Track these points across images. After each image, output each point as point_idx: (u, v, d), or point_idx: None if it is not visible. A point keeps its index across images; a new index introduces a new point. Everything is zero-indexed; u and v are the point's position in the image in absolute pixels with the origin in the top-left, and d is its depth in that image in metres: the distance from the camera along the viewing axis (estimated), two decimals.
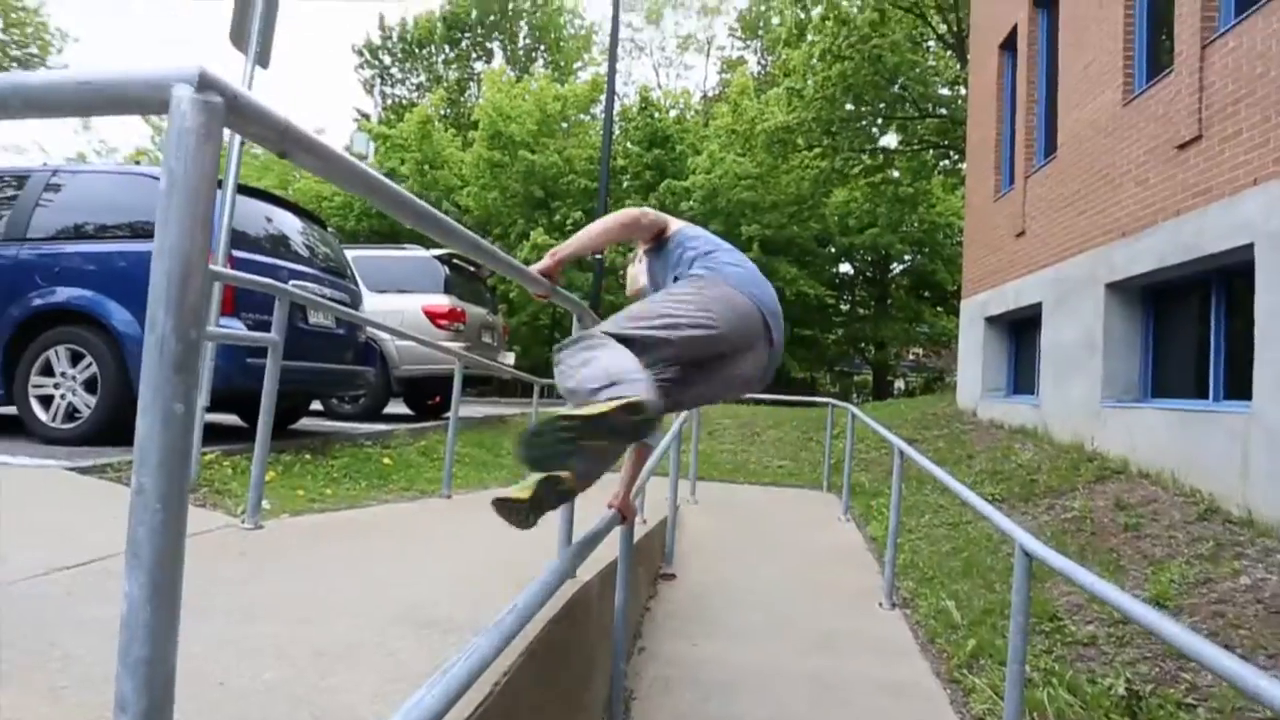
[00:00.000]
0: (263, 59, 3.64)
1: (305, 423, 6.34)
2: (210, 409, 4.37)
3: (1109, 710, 2.62)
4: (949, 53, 15.05)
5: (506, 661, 1.65)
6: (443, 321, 7.49)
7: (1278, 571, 3.40)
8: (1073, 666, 2.99)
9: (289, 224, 5.27)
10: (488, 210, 21.62)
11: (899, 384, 24.66)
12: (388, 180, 1.10)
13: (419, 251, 8.03)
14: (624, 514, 2.25)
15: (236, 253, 4.32)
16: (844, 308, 22.78)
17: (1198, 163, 4.54)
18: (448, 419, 8.51)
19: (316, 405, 7.45)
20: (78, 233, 4.36)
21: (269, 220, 5.08)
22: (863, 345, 22.08)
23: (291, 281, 4.65)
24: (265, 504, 3.27)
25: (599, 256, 9.37)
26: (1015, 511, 5.01)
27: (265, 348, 4.35)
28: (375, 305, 7.51)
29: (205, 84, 0.66)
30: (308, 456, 4.41)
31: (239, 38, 3.46)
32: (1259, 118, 4.03)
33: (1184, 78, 4.69)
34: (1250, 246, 4.04)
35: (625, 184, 21.43)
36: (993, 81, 8.40)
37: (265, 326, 4.49)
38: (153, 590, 0.59)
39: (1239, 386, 4.46)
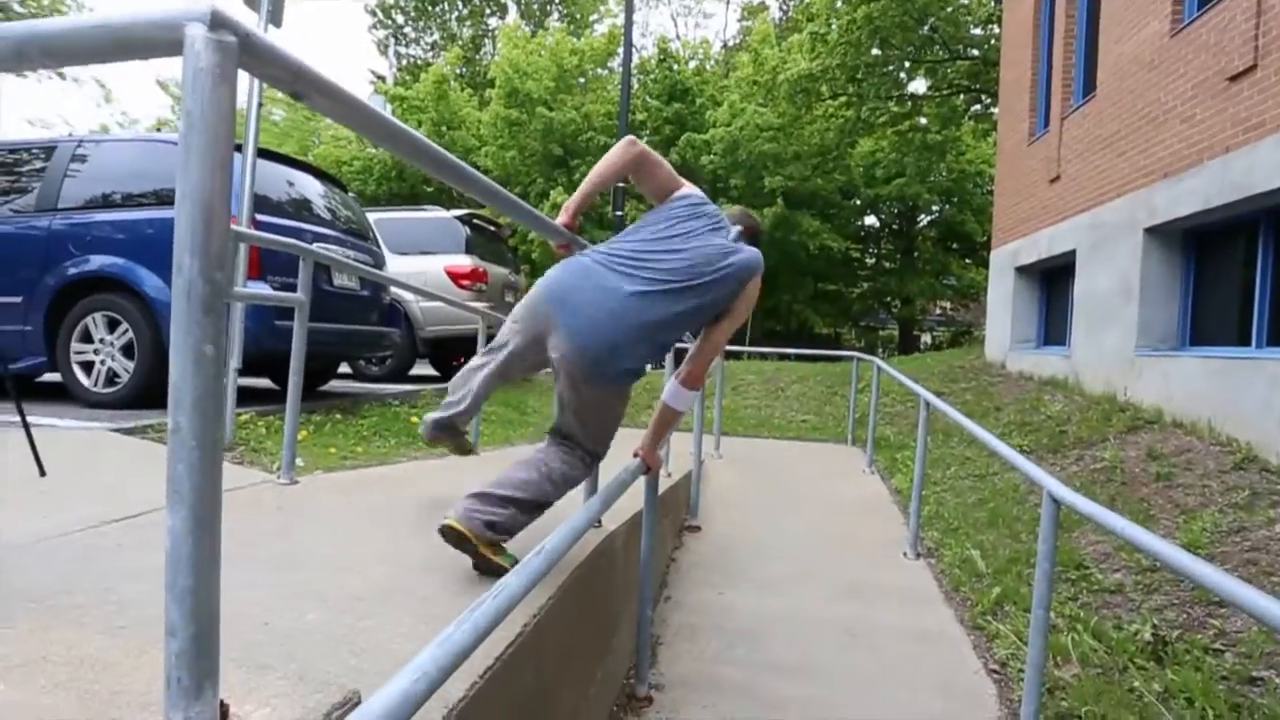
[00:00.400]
0: (275, 17, 3.60)
1: (334, 384, 6.47)
2: (242, 372, 4.49)
3: (1134, 655, 2.62)
4: None
5: (536, 603, 1.70)
6: (465, 282, 7.52)
7: None
8: (1098, 613, 2.99)
9: (311, 188, 5.29)
10: (506, 170, 21.42)
11: (925, 339, 24.30)
12: (405, 126, 1.09)
13: (440, 212, 8.02)
14: (649, 464, 2.27)
15: (260, 216, 4.36)
16: (869, 261, 22.38)
17: (1250, 95, 4.30)
18: None
19: (345, 368, 7.60)
20: (106, 201, 4.43)
21: (290, 184, 5.11)
22: (888, 299, 21.74)
23: (315, 244, 4.72)
24: (299, 461, 3.37)
25: (620, 213, 9.25)
26: (1043, 462, 4.96)
27: (293, 310, 4.44)
28: (398, 267, 7.56)
29: (218, 23, 0.65)
30: (338, 416, 4.51)
31: None
32: None
33: (1240, 3, 4.42)
34: None
35: (645, 138, 21.04)
36: (1029, 17, 8.00)
37: (291, 289, 4.58)
38: (194, 524, 0.61)
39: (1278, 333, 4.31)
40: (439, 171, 1.26)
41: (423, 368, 8.76)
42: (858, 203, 20.51)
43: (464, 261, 7.57)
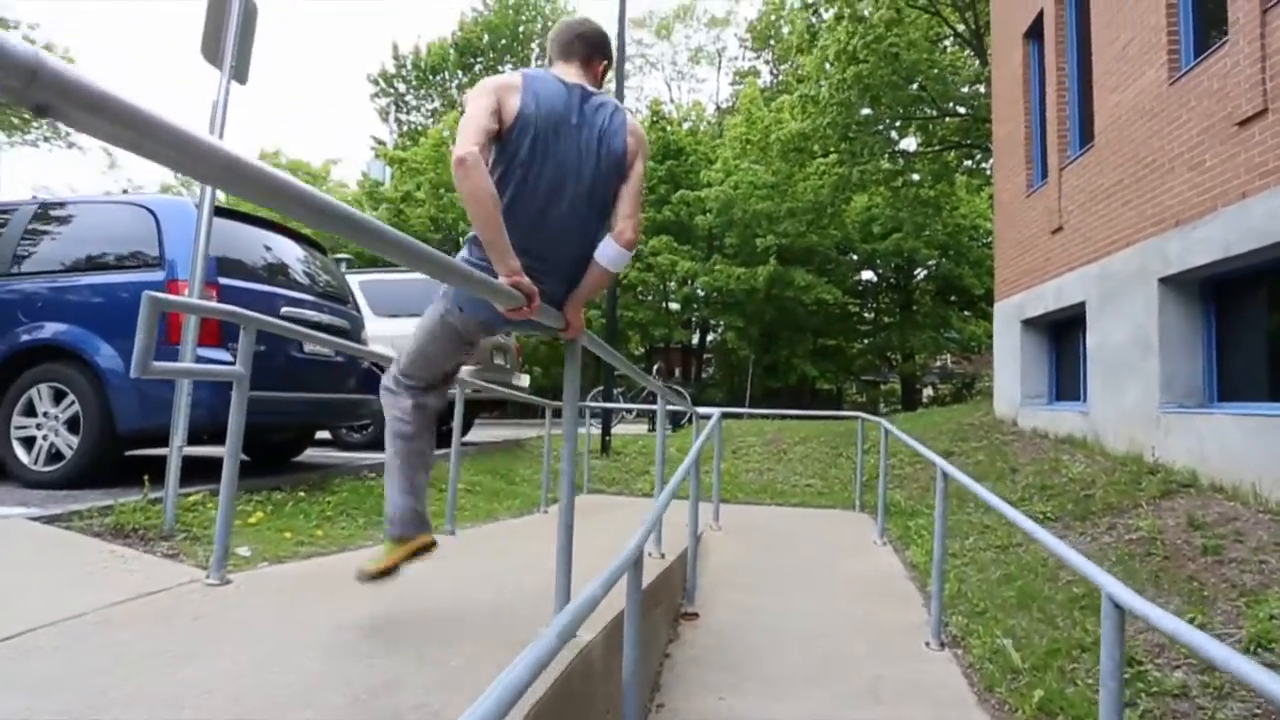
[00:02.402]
0: (240, 74, 3.42)
1: (312, 454, 6.11)
2: (204, 442, 4.14)
3: None
4: (967, 51, 14.64)
5: None
6: None
7: None
8: None
9: (288, 251, 5.09)
10: None
11: (928, 392, 23.96)
12: (255, 161, 0.79)
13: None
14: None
15: (226, 280, 4.12)
16: (868, 316, 22.27)
17: (1264, 139, 4.11)
18: (469, 445, 8.26)
19: (325, 435, 7.25)
20: (64, 266, 4.19)
21: (267, 248, 4.91)
22: (889, 354, 21.51)
23: (285, 308, 4.46)
24: (244, 551, 3.00)
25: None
26: (1072, 532, 4.56)
27: (270, 375, 4.13)
28: (384, 329, 7.32)
29: None
30: (302, 493, 4.15)
31: (211, 51, 3.24)
32: None
33: (1242, 47, 4.28)
34: None
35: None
36: (1018, 72, 8.00)
37: (262, 357, 4.29)
38: None
39: None
40: (326, 223, 0.97)
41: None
42: (854, 258, 20.55)
43: None
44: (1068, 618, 3.47)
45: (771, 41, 27.87)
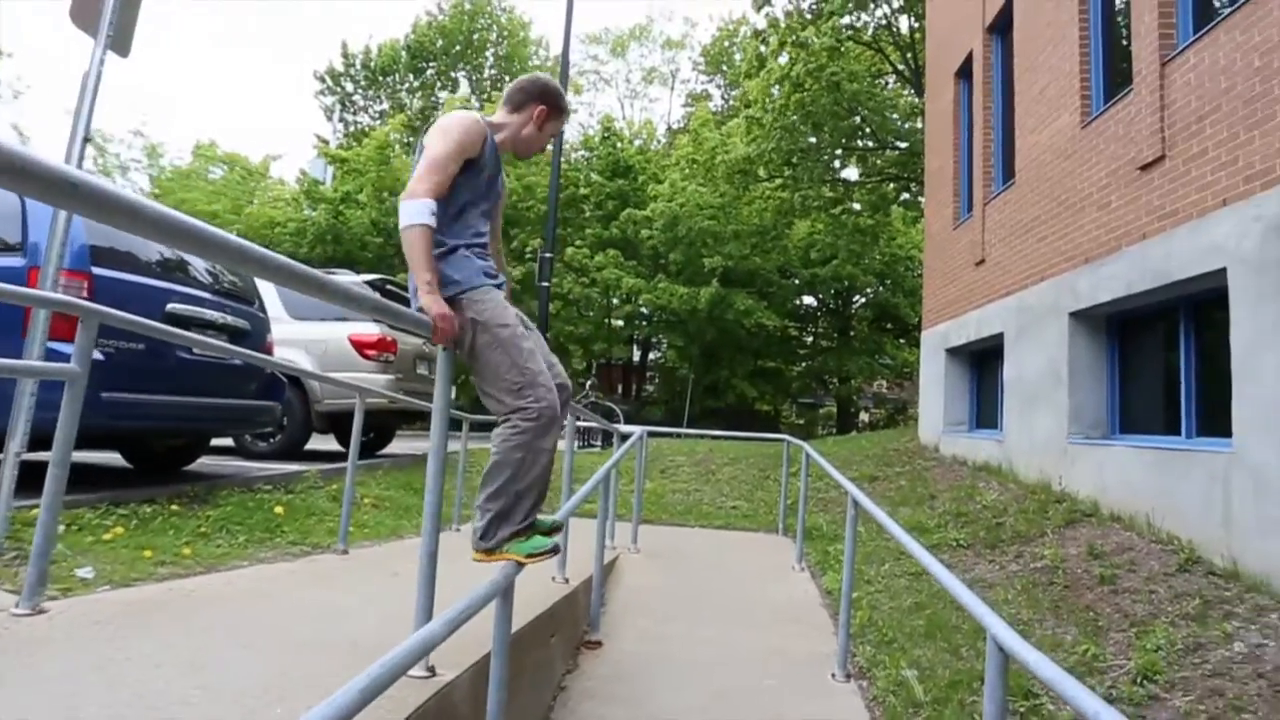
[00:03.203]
0: (120, 45, 3.13)
1: (205, 463, 5.68)
2: (87, 447, 3.75)
3: None
4: (907, 90, 15.20)
5: None
6: (370, 352, 6.92)
7: (1274, 635, 3.01)
8: None
9: None
10: None
11: (863, 416, 24.52)
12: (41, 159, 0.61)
13: (348, 276, 7.48)
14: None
15: (101, 271, 3.76)
16: (808, 340, 22.68)
17: (1162, 184, 4.29)
18: (385, 456, 7.89)
19: (228, 442, 6.78)
20: None
21: None
22: (826, 378, 21.93)
23: (174, 305, 4.12)
24: (86, 572, 2.68)
25: (546, 284, 8.89)
26: (982, 560, 4.60)
27: (149, 377, 3.76)
28: (298, 333, 6.93)
29: None
30: (177, 506, 3.79)
31: (84, 14, 2.95)
32: (1225, 135, 3.78)
33: (1144, 96, 4.48)
34: (1223, 272, 3.75)
35: (588, 212, 21.17)
36: (949, 110, 8.28)
37: (142, 357, 3.94)
38: None
39: (1214, 423, 4.15)
40: (142, 230, 0.80)
41: (327, 442, 7.97)
42: (796, 282, 20.92)
43: (370, 330, 6.99)
44: (971, 648, 3.45)
45: (724, 67, 28.43)
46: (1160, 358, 4.80)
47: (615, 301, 21.24)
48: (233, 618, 2.29)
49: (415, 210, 1.92)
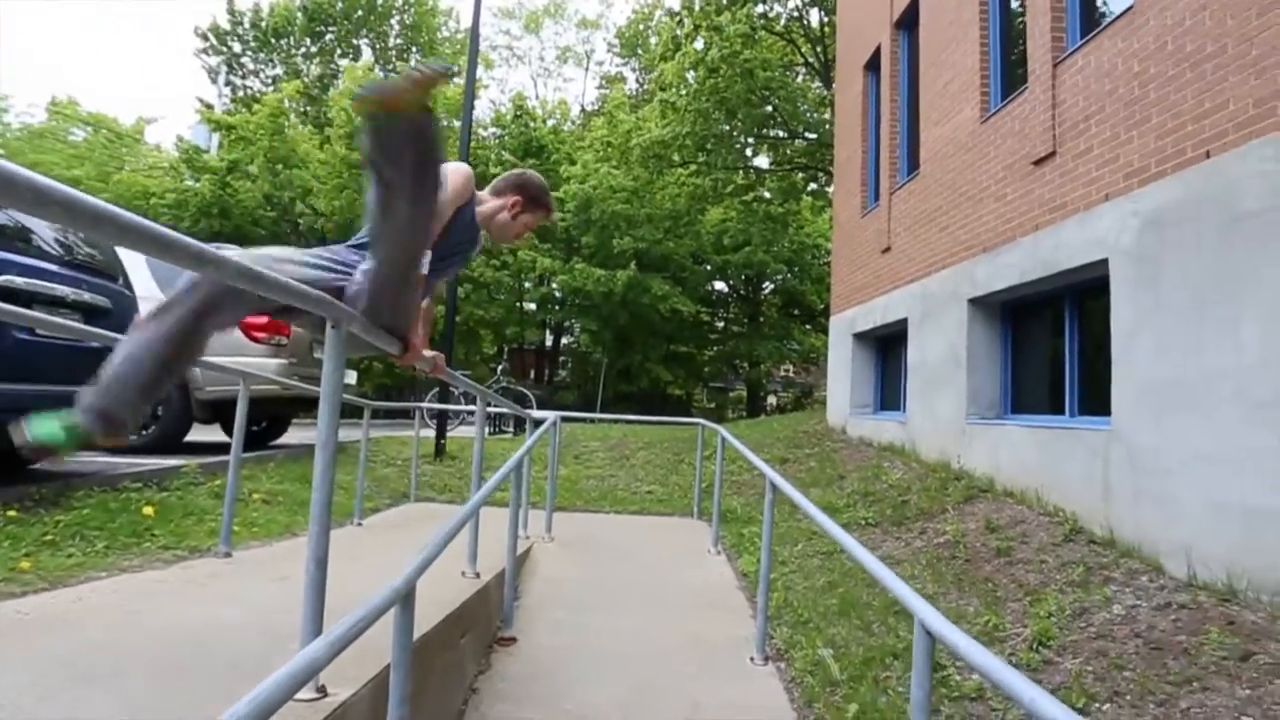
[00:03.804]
0: None
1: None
2: None
3: None
4: (816, 82, 15.60)
5: None
6: (259, 335, 6.36)
7: (1145, 597, 3.26)
8: None
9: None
10: (344, 215, 19.90)
11: (771, 400, 25.30)
12: None
13: (235, 251, 6.83)
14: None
15: None
16: (719, 325, 23.08)
17: (1053, 178, 4.54)
18: (279, 448, 7.30)
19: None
20: None
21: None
22: (737, 362, 22.43)
23: (8, 277, 3.57)
24: None
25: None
26: (889, 537, 4.77)
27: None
28: None
29: None
30: (13, 512, 3.30)
31: None
32: (1109, 134, 4.02)
33: (1037, 95, 4.71)
34: (1105, 262, 4.01)
35: None
36: (858, 101, 8.51)
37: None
38: None
39: (1094, 403, 4.45)
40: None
41: (212, 433, 7.29)
42: (708, 268, 21.19)
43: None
44: (883, 624, 3.55)
45: (639, 50, 28.23)
46: (1048, 343, 5.12)
47: (528, 285, 20.80)
48: (79, 644, 1.97)
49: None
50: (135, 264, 6.58)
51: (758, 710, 2.90)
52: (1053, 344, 5.02)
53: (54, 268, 3.98)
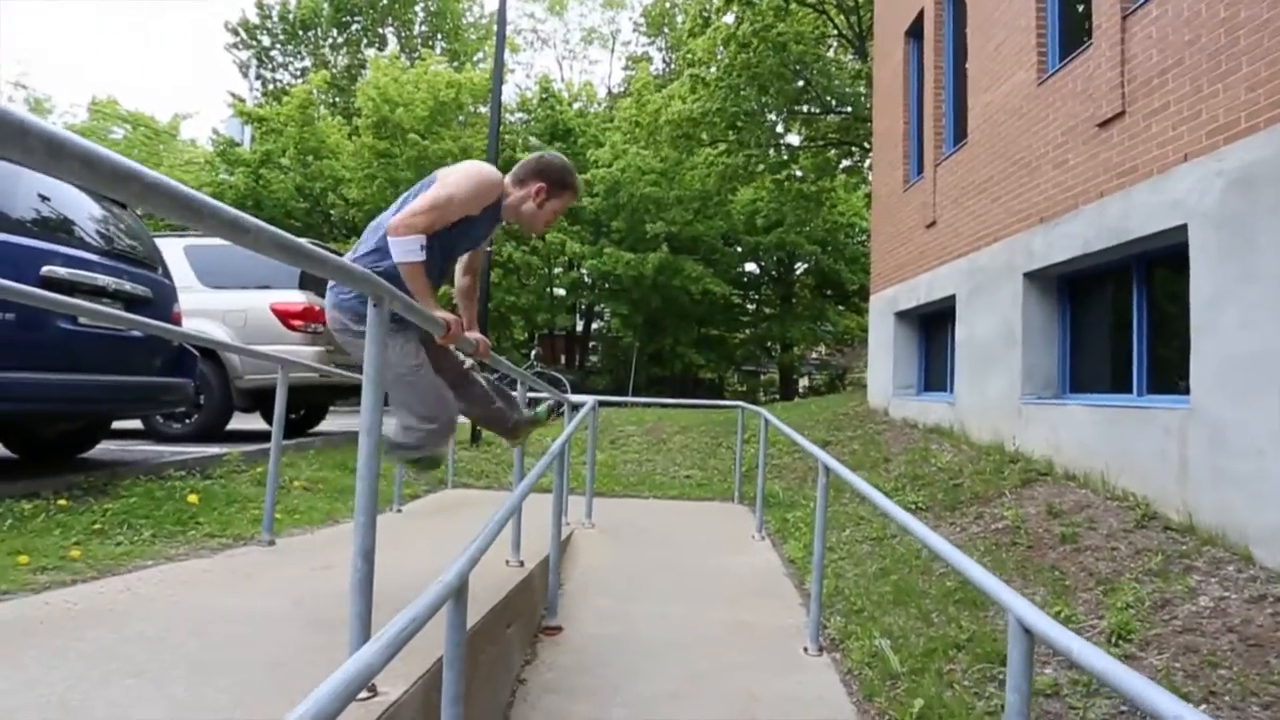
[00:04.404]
0: None
1: (108, 448, 5.09)
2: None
3: None
4: (850, 55, 15.10)
5: None
6: (297, 322, 6.37)
7: (1234, 588, 3.03)
8: None
9: (74, 202, 4.15)
10: (375, 204, 20.02)
11: (804, 382, 24.94)
12: None
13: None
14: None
15: None
16: (751, 307, 22.76)
17: (1121, 141, 4.24)
18: (317, 434, 7.36)
19: (134, 424, 6.16)
20: None
21: (44, 197, 3.96)
22: (769, 345, 22.12)
23: (50, 268, 3.57)
24: None
25: (490, 248, 8.42)
26: (943, 522, 4.57)
27: (19, 351, 3.28)
28: (214, 303, 6.32)
29: None
30: (64, 501, 3.31)
31: None
32: (1189, 89, 3.72)
33: (1104, 51, 4.40)
34: (1183, 228, 3.72)
35: None
36: (899, 70, 8.16)
37: (16, 326, 3.40)
38: None
39: (1166, 380, 4.18)
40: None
41: (253, 421, 7.37)
42: (739, 250, 20.86)
43: (296, 298, 6.43)
44: (943, 613, 3.38)
45: (665, 29, 27.74)
46: (1112, 318, 4.83)
47: (558, 271, 20.73)
48: (125, 636, 1.93)
49: (405, 249, 2.04)
50: (175, 256, 6.66)
51: (815, 704, 2.77)
52: (1118, 319, 4.74)
53: (95, 258, 3.98)
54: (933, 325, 7.48)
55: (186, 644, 1.89)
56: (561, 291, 20.97)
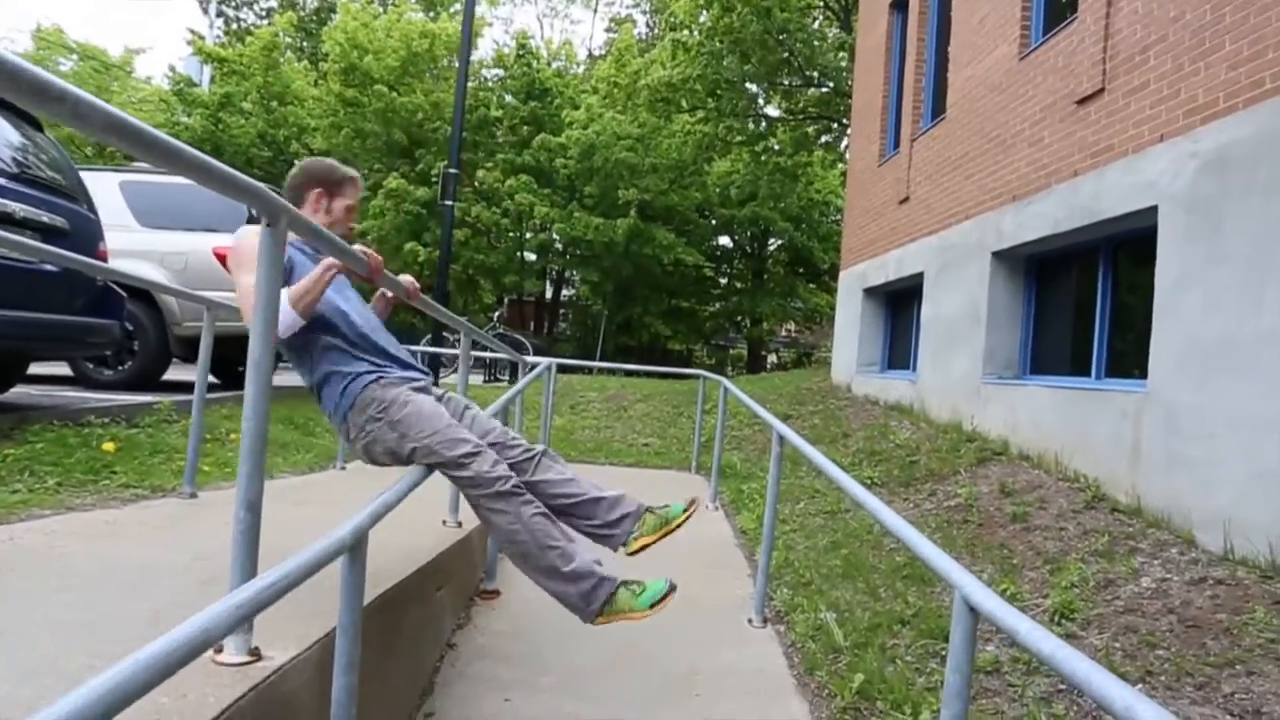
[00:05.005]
0: None
1: (29, 391, 4.77)
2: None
3: None
4: (836, 26, 14.83)
5: None
6: None
7: (1176, 570, 3.03)
8: (976, 704, 2.41)
9: None
10: (341, 155, 19.25)
11: (772, 359, 25.05)
12: None
13: None
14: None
15: None
16: (722, 281, 22.66)
17: (1099, 119, 4.15)
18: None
19: (64, 370, 5.80)
20: None
21: None
22: (739, 319, 22.09)
23: None
24: None
25: (448, 202, 8.07)
26: (897, 498, 4.55)
27: None
28: (152, 243, 5.95)
29: None
30: None
31: None
32: (1170, 66, 3.63)
33: (1089, 25, 4.28)
34: (1153, 210, 3.67)
35: (500, 137, 19.83)
36: (881, 42, 7.98)
37: None
38: None
39: (1125, 365, 4.17)
40: None
41: (188, 372, 7.02)
42: (713, 222, 20.65)
43: None
44: (890, 589, 3.34)
45: None
46: (1076, 300, 4.80)
47: (528, 235, 20.30)
48: None
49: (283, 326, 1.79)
50: (108, 192, 6.23)
51: (755, 677, 2.70)
52: (1082, 301, 4.71)
53: (5, 183, 3.65)
54: (900, 303, 7.44)
55: (61, 599, 1.71)
56: (532, 256, 20.57)
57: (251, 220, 6.15)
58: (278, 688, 1.39)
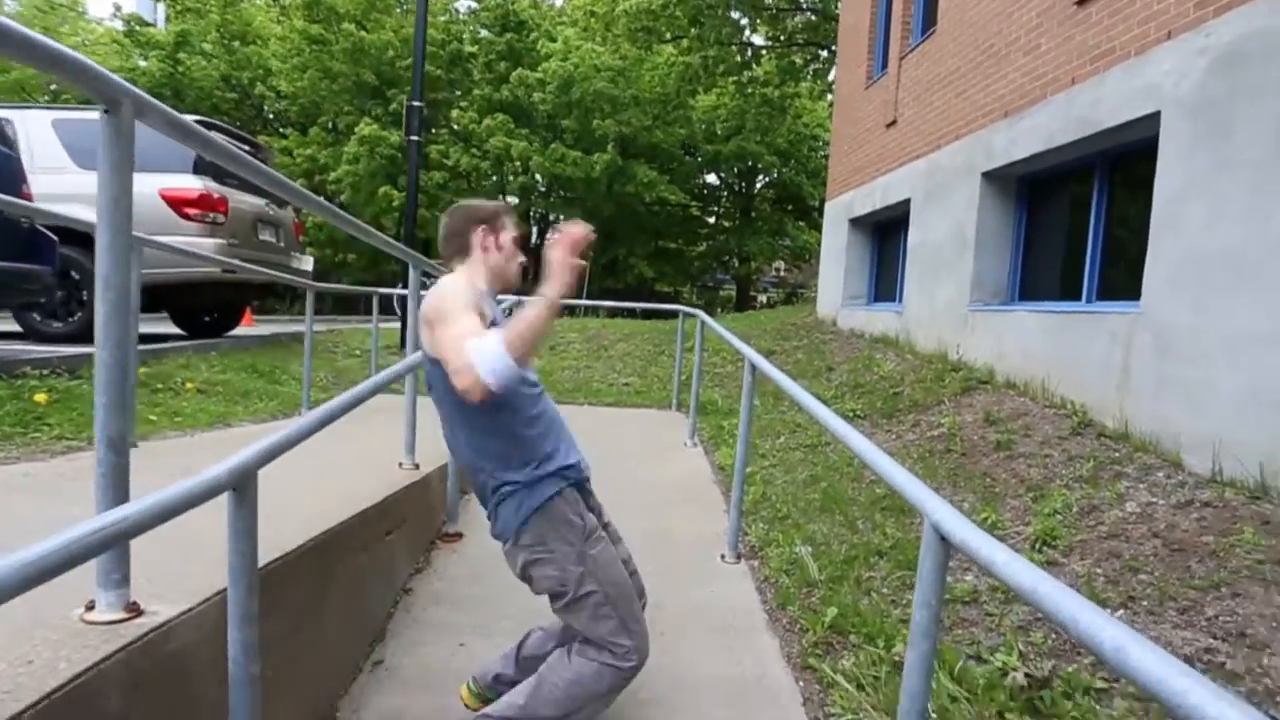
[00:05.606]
0: None
1: None
2: None
3: (1004, 707, 1.93)
4: None
5: None
6: (191, 211, 5.71)
7: (1161, 494, 2.92)
8: (952, 635, 2.31)
9: None
10: (309, 97, 18.42)
11: (761, 299, 24.82)
12: None
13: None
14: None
15: None
16: (709, 220, 22.20)
17: (1101, 19, 3.84)
18: (228, 338, 6.82)
19: (10, 326, 5.55)
20: None
21: None
22: (727, 259, 21.76)
23: None
24: None
25: (415, 138, 7.63)
26: (879, 429, 4.42)
27: None
28: (90, 186, 5.56)
29: None
30: None
31: None
32: None
33: None
34: (1155, 117, 3.41)
35: (476, 74, 18.97)
36: None
37: None
38: None
39: (1118, 286, 3.99)
40: None
41: (160, 325, 6.77)
42: (699, 159, 20.07)
43: (190, 184, 5.74)
44: (868, 520, 3.24)
45: None
46: (1068, 221, 4.58)
47: (510, 178, 19.69)
48: None
49: (496, 375, 1.51)
50: (40, 131, 5.85)
51: (725, 613, 2.60)
52: (1075, 222, 4.49)
53: None
54: (886, 234, 7.18)
55: None
56: (513, 199, 20.01)
57: (198, 160, 5.77)
58: (159, 647, 1.23)
